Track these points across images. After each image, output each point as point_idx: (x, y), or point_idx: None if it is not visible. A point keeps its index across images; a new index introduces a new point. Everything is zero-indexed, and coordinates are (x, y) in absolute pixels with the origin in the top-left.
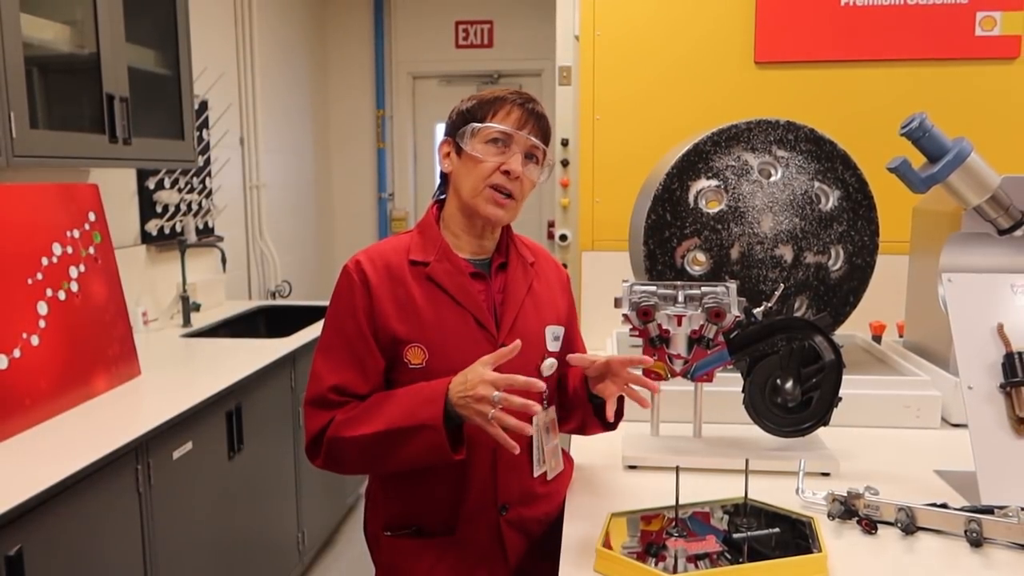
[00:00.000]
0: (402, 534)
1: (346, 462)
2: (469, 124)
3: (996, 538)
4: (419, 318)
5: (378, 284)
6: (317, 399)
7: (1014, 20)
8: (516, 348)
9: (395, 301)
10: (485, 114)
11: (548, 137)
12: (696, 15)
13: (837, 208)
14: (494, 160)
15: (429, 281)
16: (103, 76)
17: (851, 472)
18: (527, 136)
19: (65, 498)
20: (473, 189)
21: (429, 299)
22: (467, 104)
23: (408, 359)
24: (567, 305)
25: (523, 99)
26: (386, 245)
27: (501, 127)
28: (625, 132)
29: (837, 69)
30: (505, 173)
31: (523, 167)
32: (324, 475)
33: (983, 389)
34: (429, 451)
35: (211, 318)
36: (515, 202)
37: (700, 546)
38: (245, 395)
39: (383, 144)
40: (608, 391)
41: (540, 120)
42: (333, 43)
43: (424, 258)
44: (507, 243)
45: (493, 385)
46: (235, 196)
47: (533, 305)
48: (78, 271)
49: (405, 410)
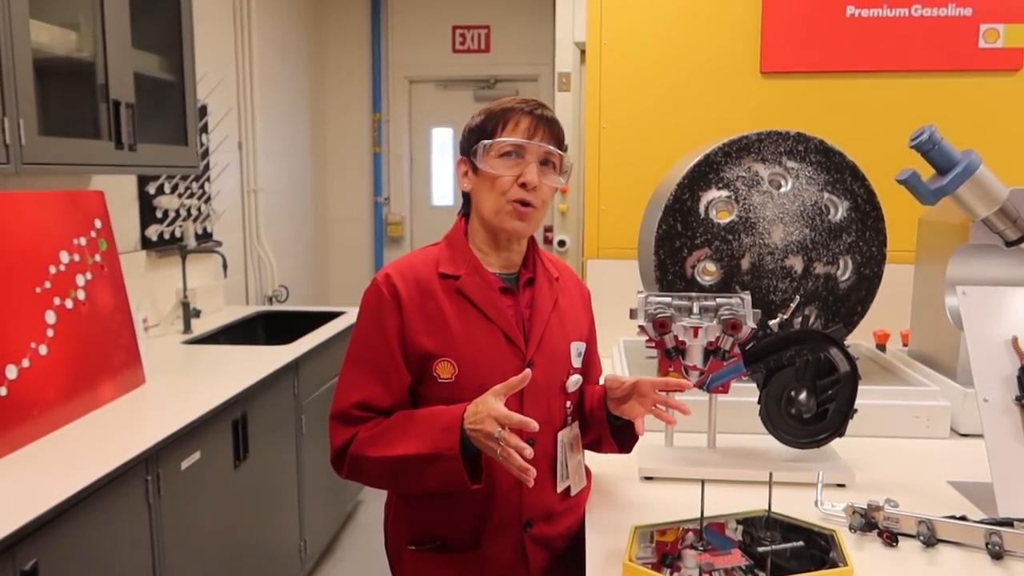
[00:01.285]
0: (426, 549)
1: (368, 479)
2: (481, 141)
3: (1017, 551)
4: (449, 332)
5: (408, 299)
6: (341, 414)
7: (1017, 33)
8: (526, 378)
9: (425, 315)
10: (495, 128)
11: (562, 141)
12: (703, 25)
13: (846, 219)
14: (510, 174)
15: (459, 295)
16: (109, 82)
17: (864, 483)
18: (539, 144)
19: (78, 510)
20: (495, 206)
21: (459, 313)
22: (476, 120)
23: (437, 373)
24: (589, 322)
25: (531, 107)
26: (415, 258)
27: (512, 140)
28: (632, 141)
29: (842, 80)
30: (523, 185)
31: (541, 175)
32: (325, 482)
33: (999, 402)
34: (447, 479)
35: (211, 324)
36: (536, 211)
37: (727, 560)
38: (250, 403)
39: (379, 148)
40: (635, 412)
41: (551, 125)
42: (330, 47)
43: (454, 272)
44: (534, 258)
45: (498, 422)
46: (233, 201)
47: (559, 321)
48: (85, 279)
49: (424, 437)
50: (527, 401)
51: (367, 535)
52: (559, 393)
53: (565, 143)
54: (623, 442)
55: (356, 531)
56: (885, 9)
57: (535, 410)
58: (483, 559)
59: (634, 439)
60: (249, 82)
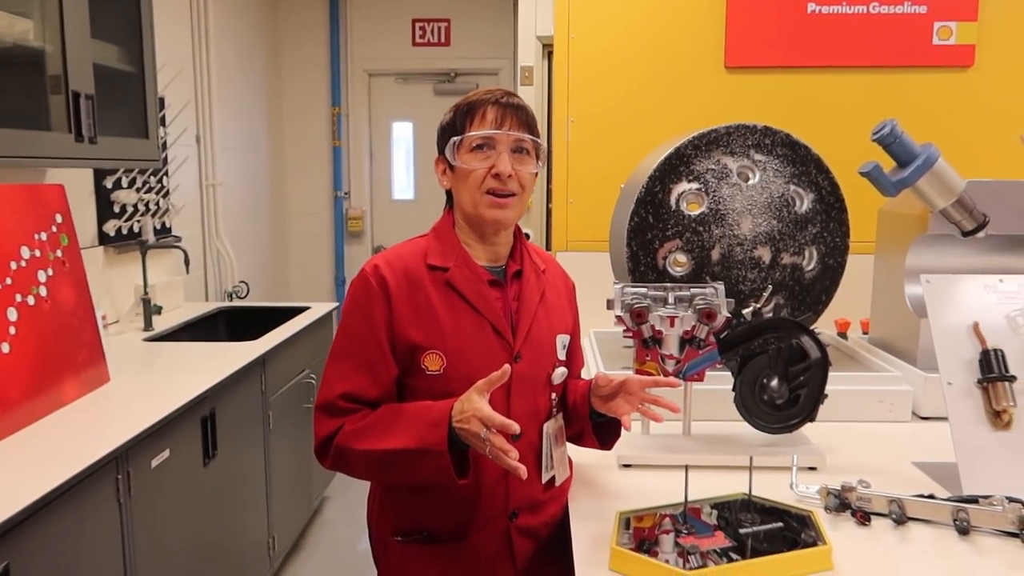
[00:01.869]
0: (412, 540)
1: (354, 470)
2: (451, 138)
3: (982, 526)
4: (437, 324)
5: (397, 290)
6: (327, 405)
7: (969, 30)
8: (506, 373)
9: (413, 307)
10: (463, 123)
11: (533, 126)
12: (668, 19)
13: (811, 210)
14: (483, 166)
15: (448, 287)
16: (68, 73)
17: (834, 466)
18: (508, 132)
19: (48, 512)
20: (472, 200)
21: (447, 305)
22: (447, 117)
23: (426, 365)
24: (573, 315)
25: (496, 96)
26: (404, 249)
27: (480, 133)
28: (599, 134)
29: (803, 74)
30: (496, 176)
31: (515, 163)
32: (292, 479)
33: (961, 385)
34: (435, 474)
35: (172, 321)
36: (516, 197)
37: (711, 542)
38: (218, 400)
39: (339, 142)
40: (621, 409)
41: (519, 112)
42: (288, 40)
43: (443, 263)
44: (521, 250)
45: (483, 423)
46: (192, 195)
47: (545, 314)
48: (46, 275)
49: (412, 432)
50: (514, 393)
51: (333, 531)
52: (545, 385)
53: (537, 127)
54: (604, 438)
55: (322, 527)
56: (844, 6)
57: (522, 402)
58: (469, 550)
59: (615, 436)
60: (206, 75)
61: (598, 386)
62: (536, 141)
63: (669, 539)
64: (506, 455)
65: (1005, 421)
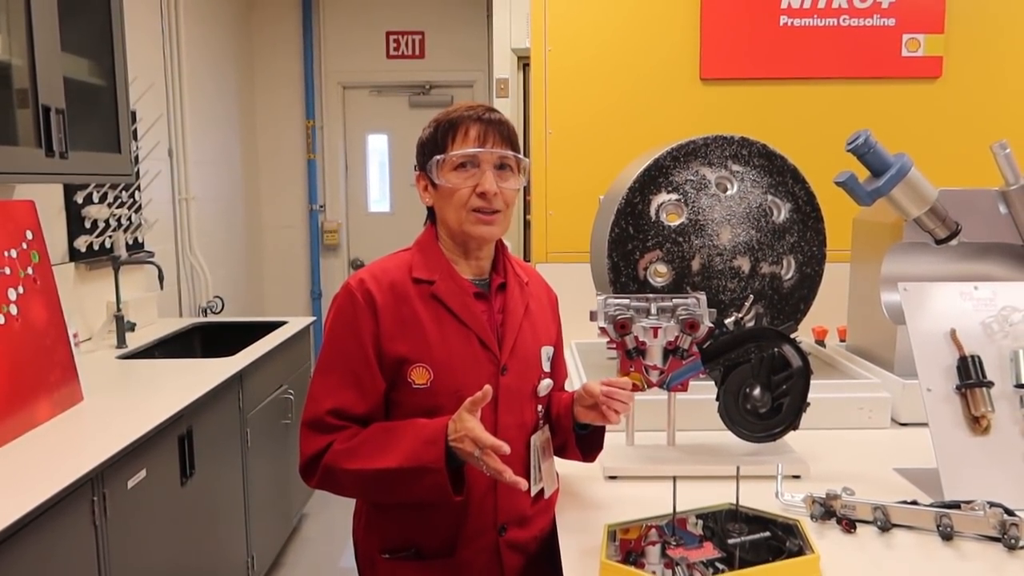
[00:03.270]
0: (401, 557)
1: (343, 490)
2: (433, 157)
3: (965, 531)
4: (424, 338)
5: (383, 304)
6: (314, 422)
7: (936, 42)
8: (488, 395)
9: (400, 320)
10: (445, 141)
11: (515, 141)
12: (644, 32)
13: (788, 220)
14: (467, 185)
15: (434, 300)
16: (38, 87)
17: (817, 474)
18: (492, 151)
19: (22, 535)
20: (457, 218)
21: (434, 319)
22: (427, 133)
23: (412, 379)
24: (557, 327)
25: (479, 112)
26: (388, 263)
27: (463, 151)
28: (577, 146)
29: (777, 86)
30: (481, 195)
31: (499, 180)
32: (271, 497)
33: (940, 391)
34: (430, 492)
35: (145, 338)
36: (500, 214)
37: (700, 553)
38: (195, 418)
39: (313, 155)
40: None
41: (501, 127)
42: (261, 53)
43: (428, 277)
44: (504, 263)
45: (475, 444)
46: (165, 210)
47: (530, 326)
48: (17, 293)
49: (407, 450)
50: (502, 406)
51: (313, 548)
52: (531, 398)
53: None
54: (586, 449)
55: (302, 545)
56: (816, 19)
57: (509, 415)
58: (458, 565)
59: (597, 448)
60: (179, 88)
61: (581, 397)
62: (519, 157)
63: (655, 550)
64: (501, 475)
65: (984, 426)
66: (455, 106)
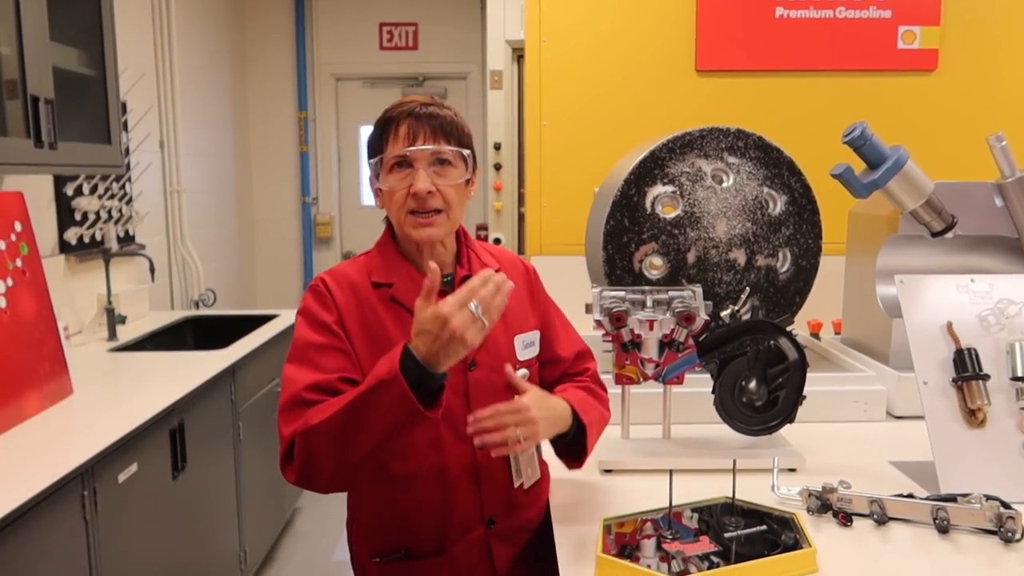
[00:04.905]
0: (392, 559)
1: (318, 456)
2: (371, 160)
3: (961, 524)
4: (388, 340)
5: (346, 306)
6: (292, 401)
7: (932, 35)
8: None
9: (363, 325)
10: (382, 141)
11: (452, 133)
12: (639, 23)
13: (784, 212)
14: (402, 186)
15: (394, 303)
16: (27, 77)
17: (813, 467)
18: (422, 148)
19: (12, 530)
20: (397, 221)
21: (396, 321)
22: (372, 133)
23: None
24: (539, 304)
25: (411, 107)
26: (348, 267)
27: (394, 153)
28: (572, 138)
29: (773, 78)
30: (415, 195)
31: (437, 176)
32: (264, 490)
33: (936, 384)
34: (397, 410)
35: (137, 331)
36: (442, 214)
37: (696, 547)
38: (186, 412)
39: (306, 148)
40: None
41: (433, 120)
42: (253, 44)
43: (386, 279)
44: (468, 254)
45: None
46: (156, 202)
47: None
48: (6, 285)
49: (368, 377)
50: (473, 402)
51: (306, 542)
52: (505, 390)
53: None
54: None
55: (295, 538)
56: (811, 11)
57: None
58: (449, 563)
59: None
60: (169, 79)
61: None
62: (456, 150)
63: (650, 544)
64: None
65: (980, 419)
66: (396, 102)
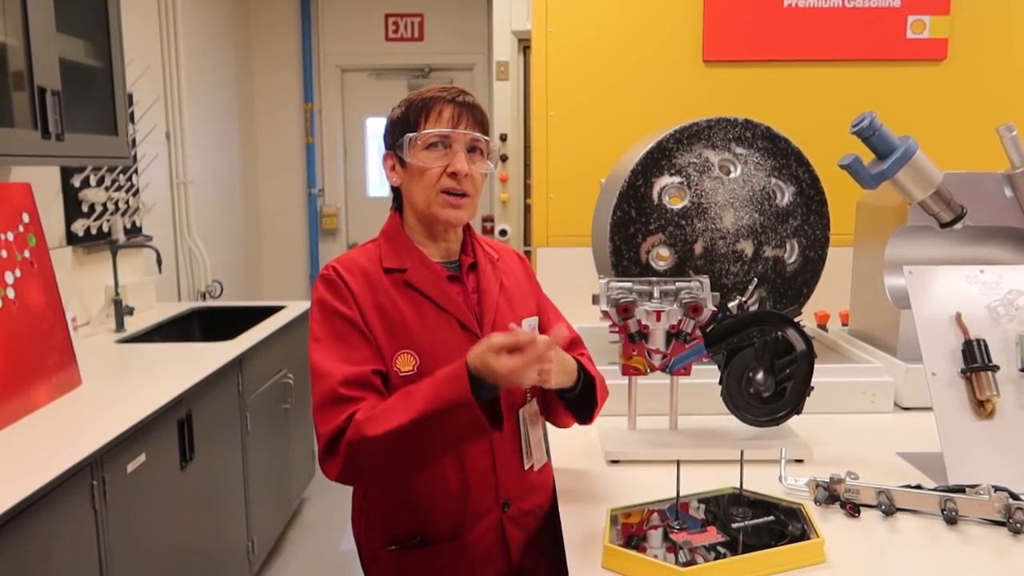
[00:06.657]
0: (407, 546)
1: (369, 466)
2: (405, 135)
3: (969, 515)
4: (404, 324)
5: (359, 292)
6: (328, 398)
7: (941, 24)
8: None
9: (378, 310)
10: (418, 120)
11: (486, 126)
12: (646, 13)
13: (792, 203)
14: (438, 165)
15: (408, 287)
16: (34, 68)
17: (820, 458)
18: (465, 132)
19: (21, 520)
20: (426, 199)
21: (412, 305)
22: (398, 112)
23: (398, 367)
24: (535, 292)
25: (452, 94)
26: (356, 254)
27: (437, 131)
28: (579, 129)
29: (780, 68)
30: (452, 175)
31: (469, 162)
32: (271, 481)
33: (945, 375)
34: (464, 430)
35: (144, 322)
36: (470, 199)
37: (704, 538)
38: (194, 402)
39: (312, 139)
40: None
41: (474, 111)
42: (259, 35)
43: (399, 265)
44: (472, 243)
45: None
46: (162, 194)
47: (507, 301)
48: (14, 276)
49: (430, 396)
50: None
51: (313, 532)
52: None
53: (491, 128)
54: (579, 412)
55: (302, 529)
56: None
57: None
58: (464, 547)
59: (592, 407)
60: (175, 70)
61: None
62: (489, 141)
63: (657, 534)
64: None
65: (988, 411)
66: (428, 87)
